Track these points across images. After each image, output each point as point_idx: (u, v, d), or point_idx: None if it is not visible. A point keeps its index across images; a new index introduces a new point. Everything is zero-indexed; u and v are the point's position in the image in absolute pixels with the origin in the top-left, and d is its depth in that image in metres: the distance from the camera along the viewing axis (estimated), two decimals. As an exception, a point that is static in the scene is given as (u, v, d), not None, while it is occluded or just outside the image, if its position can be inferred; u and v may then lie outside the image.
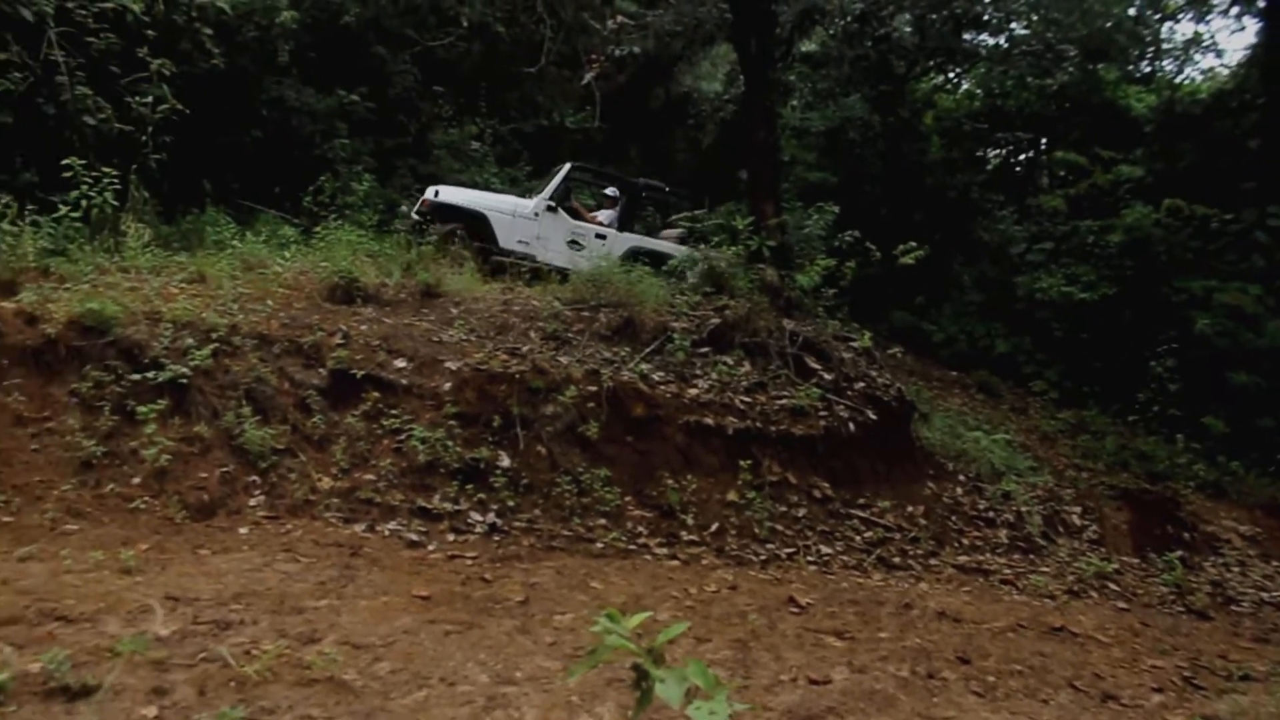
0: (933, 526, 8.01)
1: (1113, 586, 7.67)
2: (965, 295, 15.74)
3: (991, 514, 8.56)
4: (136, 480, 5.89)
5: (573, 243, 11.49)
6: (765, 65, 11.64)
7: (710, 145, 19.28)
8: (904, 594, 6.56)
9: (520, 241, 11.25)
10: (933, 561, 7.55)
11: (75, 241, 8.06)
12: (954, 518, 8.35)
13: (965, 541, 8.08)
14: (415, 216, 11.17)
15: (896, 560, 7.39)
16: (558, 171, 11.92)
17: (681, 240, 11.73)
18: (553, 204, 11.54)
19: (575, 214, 11.90)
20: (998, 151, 18.86)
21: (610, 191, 12.50)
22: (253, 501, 5.97)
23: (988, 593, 7.15)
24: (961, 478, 9.00)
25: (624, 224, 12.13)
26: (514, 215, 11.35)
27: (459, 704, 3.71)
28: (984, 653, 5.57)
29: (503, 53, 15.54)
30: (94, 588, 4.35)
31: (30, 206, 8.12)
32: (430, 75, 14.70)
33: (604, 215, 12.27)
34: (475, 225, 11.06)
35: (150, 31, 9.70)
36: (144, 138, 9.50)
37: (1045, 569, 7.80)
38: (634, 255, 11.01)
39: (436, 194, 11.27)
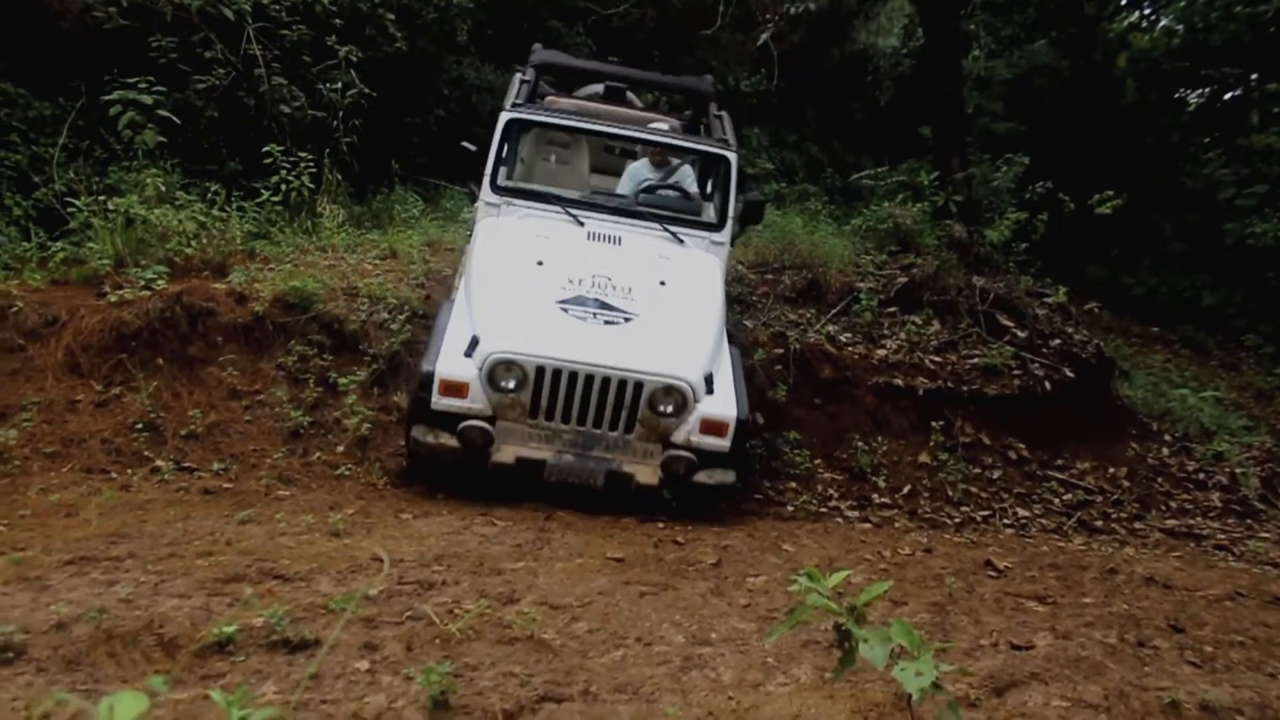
0: (1137, 489, 7.64)
1: (1345, 555, 7.15)
2: (1166, 246, 14.87)
3: (1202, 476, 8.10)
4: (340, 448, 6.21)
5: None
6: (947, 14, 11.25)
7: (888, 103, 18.77)
8: (1108, 559, 6.28)
9: None
10: (1138, 525, 7.21)
11: (276, 224, 8.52)
12: (1160, 479, 7.94)
13: (1173, 505, 7.67)
14: None
15: (1098, 524, 7.09)
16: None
17: None
18: None
19: None
20: (1200, 91, 17.63)
21: None
22: (449, 467, 6.17)
23: (1200, 558, 6.77)
24: (1167, 438, 8.53)
25: None
26: None
27: (656, 664, 3.75)
28: (1199, 621, 5.27)
29: (675, 18, 15.50)
30: (306, 549, 4.59)
31: (236, 193, 8.62)
32: (605, 45, 14.79)
33: None
34: None
35: (338, 20, 10.11)
36: (335, 122, 9.92)
37: (1265, 534, 7.32)
38: None
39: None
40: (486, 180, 6.87)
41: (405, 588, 4.18)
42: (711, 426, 5.76)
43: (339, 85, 9.95)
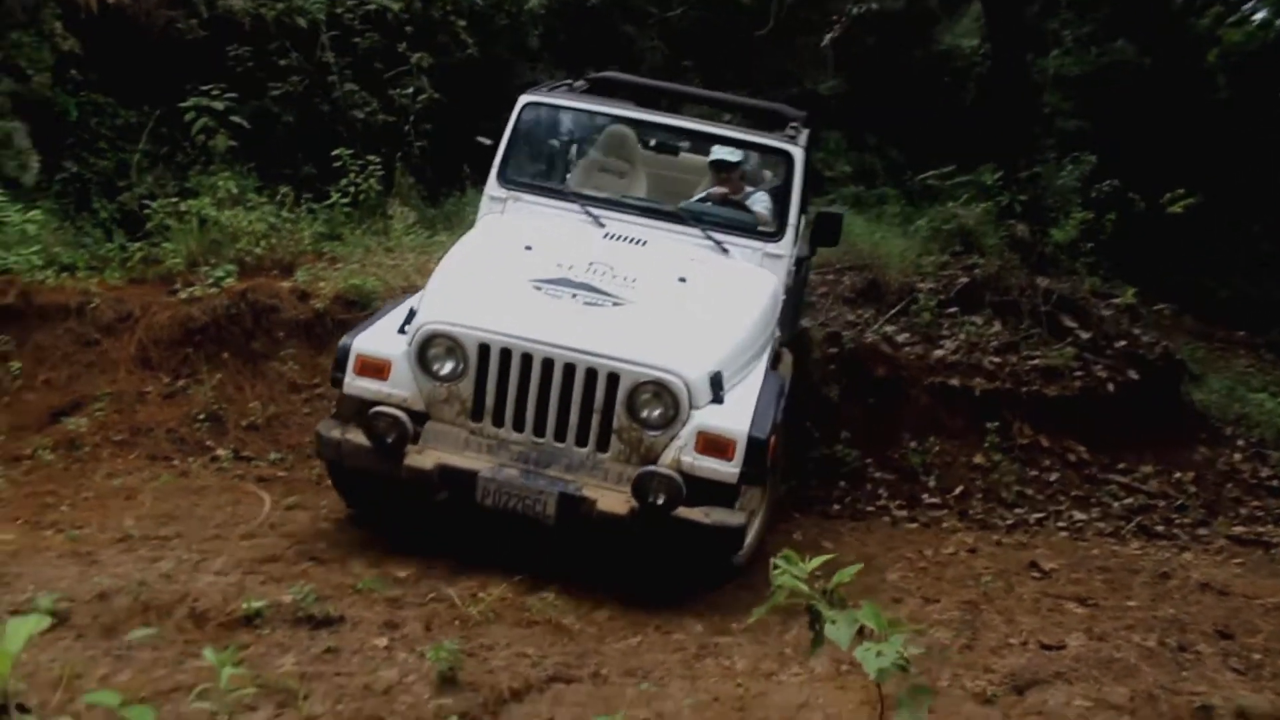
0: (1204, 494, 7.42)
1: None
2: (1256, 246, 14.41)
3: (1276, 482, 7.83)
4: (389, 440, 6.38)
5: None
6: (1012, 11, 11.12)
7: (971, 103, 18.51)
8: (1163, 563, 6.12)
9: None
10: (1201, 531, 7.01)
11: (347, 226, 8.74)
12: (1230, 485, 7.69)
13: (1243, 511, 7.42)
14: None
15: (1159, 529, 6.92)
16: None
17: None
18: None
19: None
20: (1301, 86, 17.01)
21: None
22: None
23: (1265, 566, 6.55)
24: (1240, 443, 8.27)
25: None
26: None
27: (671, 650, 3.83)
28: (1251, 629, 5.12)
29: (746, 21, 15.51)
30: (345, 535, 4.78)
31: (306, 195, 8.89)
32: (677, 49, 14.88)
33: None
34: None
35: (409, 27, 10.38)
36: (406, 127, 10.13)
37: (1340, 544, 7.08)
38: None
39: None
40: (494, 172, 5.90)
41: (434, 571, 4.31)
42: (712, 444, 4.29)
43: (410, 91, 10.17)
